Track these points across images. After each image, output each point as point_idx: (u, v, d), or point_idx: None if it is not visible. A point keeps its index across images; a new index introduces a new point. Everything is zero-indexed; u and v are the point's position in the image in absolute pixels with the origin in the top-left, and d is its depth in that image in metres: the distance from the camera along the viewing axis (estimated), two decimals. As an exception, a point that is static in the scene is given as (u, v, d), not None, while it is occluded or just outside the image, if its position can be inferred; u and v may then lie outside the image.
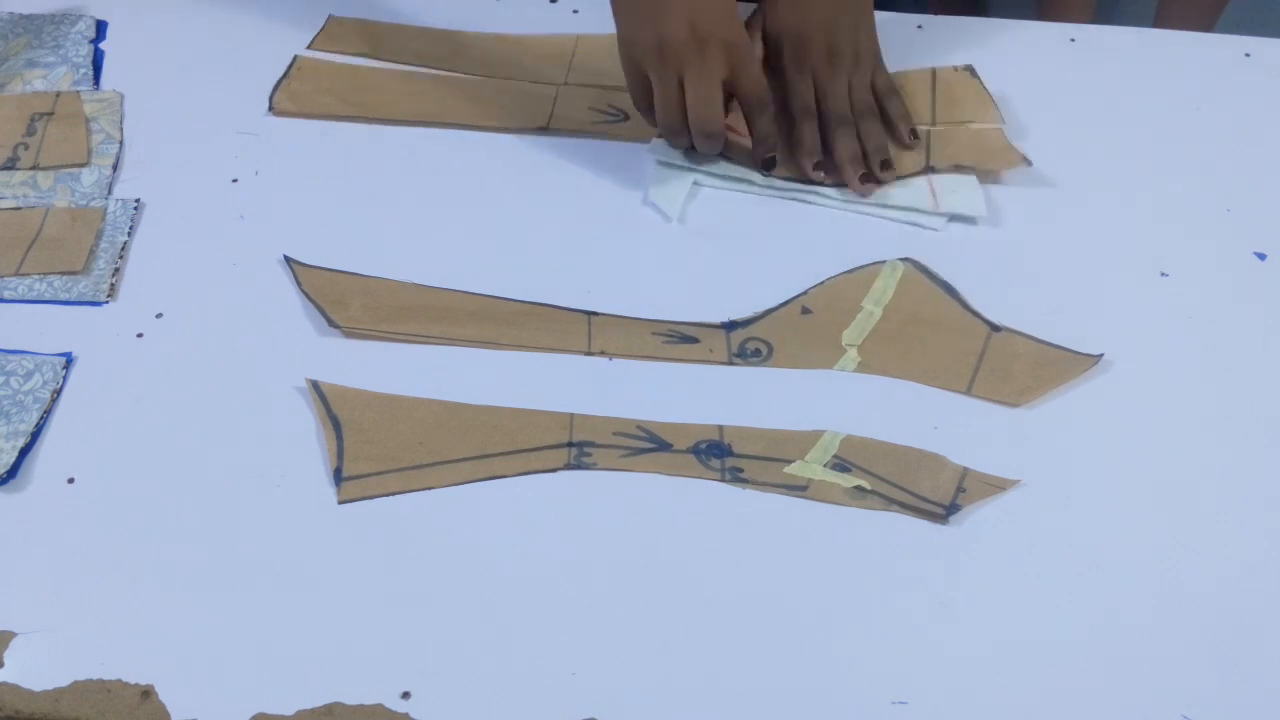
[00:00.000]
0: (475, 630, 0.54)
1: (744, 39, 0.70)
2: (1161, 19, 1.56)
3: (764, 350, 0.65)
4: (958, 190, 0.73)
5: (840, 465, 0.60)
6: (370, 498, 0.58)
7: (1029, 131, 0.78)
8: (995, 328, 0.66)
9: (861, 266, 0.69)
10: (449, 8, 0.86)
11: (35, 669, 0.52)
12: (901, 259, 0.70)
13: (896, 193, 0.73)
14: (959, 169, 0.74)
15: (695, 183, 0.74)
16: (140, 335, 0.66)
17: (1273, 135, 0.78)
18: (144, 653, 0.53)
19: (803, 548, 0.57)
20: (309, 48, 0.83)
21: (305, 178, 0.74)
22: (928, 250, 0.70)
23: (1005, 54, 0.83)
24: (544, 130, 0.77)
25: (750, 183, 0.74)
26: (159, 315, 0.67)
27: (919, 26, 0.85)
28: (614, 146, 0.77)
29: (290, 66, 0.81)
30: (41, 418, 0.61)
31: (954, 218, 0.72)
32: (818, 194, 0.74)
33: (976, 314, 0.67)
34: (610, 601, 0.55)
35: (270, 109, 0.78)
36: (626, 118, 0.78)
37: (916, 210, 0.72)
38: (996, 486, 0.59)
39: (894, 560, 0.57)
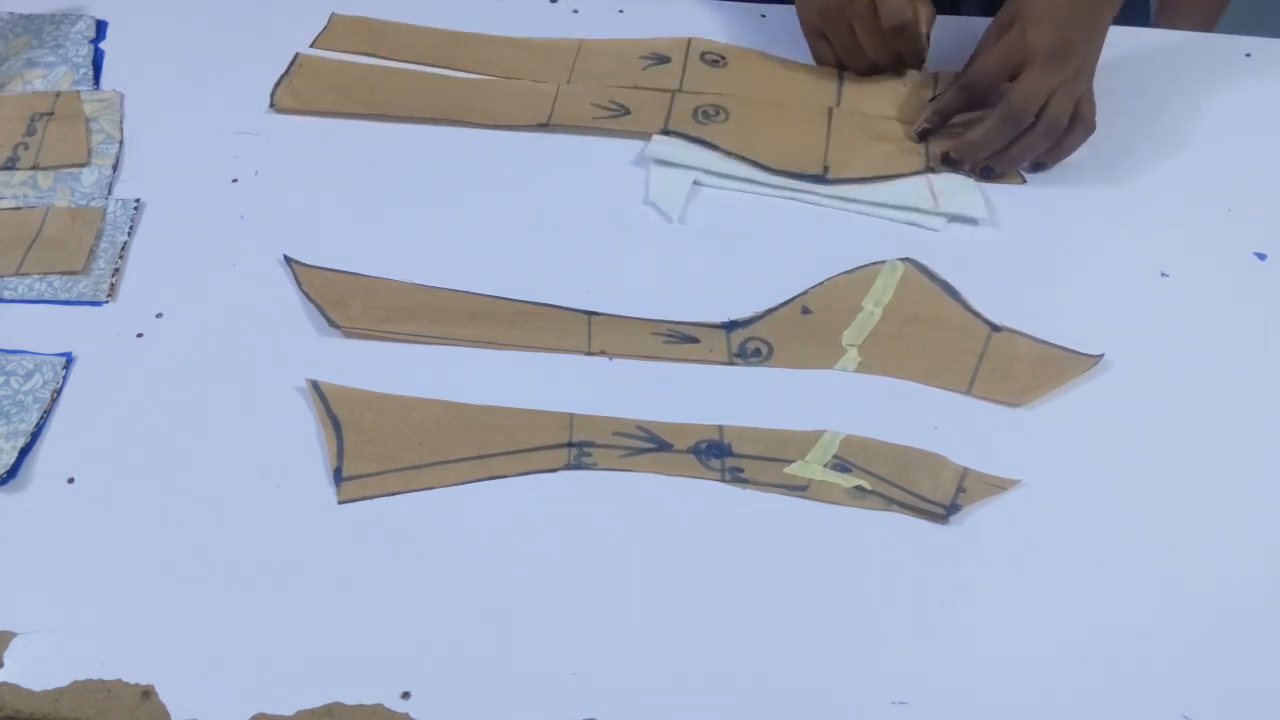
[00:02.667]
0: (475, 630, 0.54)
1: None
2: (1161, 19, 1.55)
3: (764, 350, 0.65)
4: (958, 192, 0.73)
5: (840, 465, 0.60)
6: (370, 498, 0.58)
7: (1029, 131, 0.78)
8: (995, 328, 0.66)
9: (861, 266, 0.69)
10: (450, 7, 0.86)
11: (35, 669, 0.52)
12: (901, 259, 0.70)
13: (897, 191, 0.73)
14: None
15: (695, 182, 0.74)
16: (140, 335, 0.66)
17: (1273, 135, 0.78)
18: (144, 653, 0.53)
19: (803, 548, 0.57)
20: (313, 45, 0.83)
21: (305, 178, 0.74)
22: (928, 250, 0.70)
23: (1005, 54, 0.83)
24: (544, 127, 0.77)
25: (751, 181, 0.74)
26: (159, 315, 0.67)
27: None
28: (614, 145, 0.77)
29: (291, 64, 0.81)
30: (41, 418, 0.61)
31: (954, 218, 0.72)
32: (817, 193, 0.74)
33: (976, 314, 0.67)
34: (610, 601, 0.55)
35: (271, 105, 0.78)
36: (628, 112, 0.78)
37: (917, 210, 0.72)
38: (996, 486, 0.59)
39: (894, 560, 0.57)
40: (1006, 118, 0.71)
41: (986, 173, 0.74)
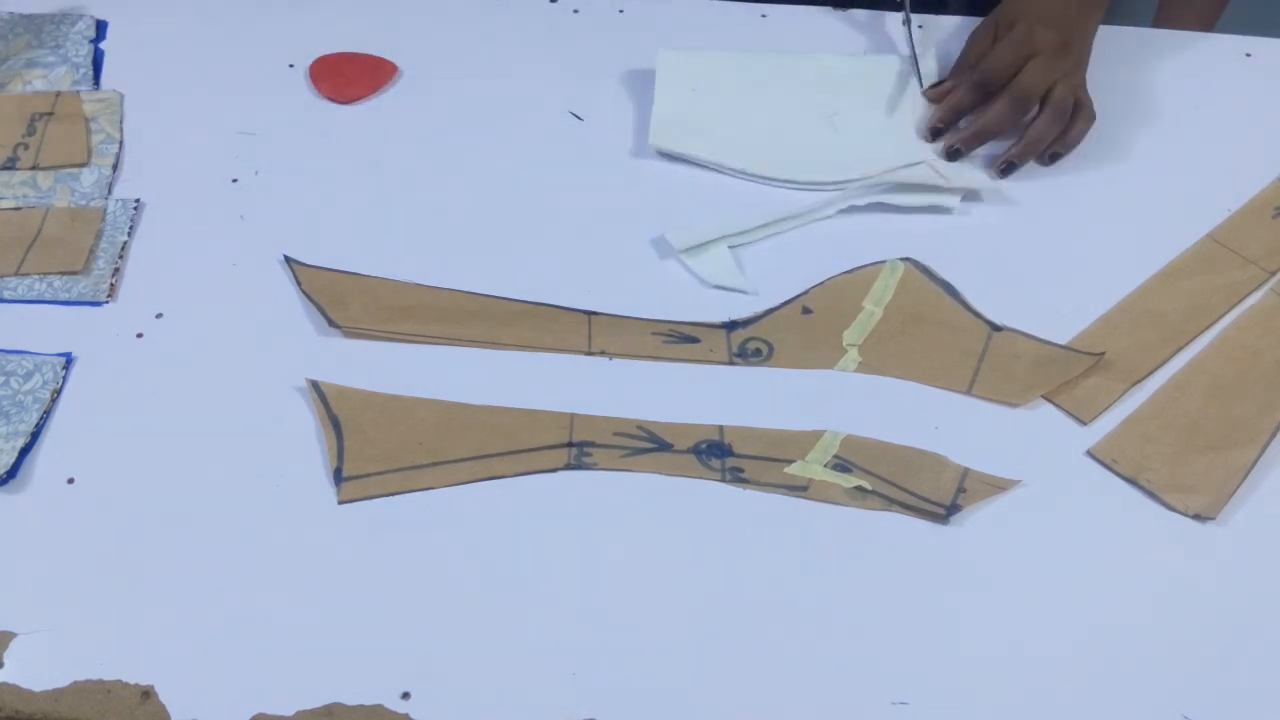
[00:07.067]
0: (475, 630, 0.54)
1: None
2: (1161, 19, 1.55)
3: (764, 350, 0.65)
4: (960, 169, 0.73)
5: (841, 465, 0.60)
6: (370, 498, 0.58)
7: (1029, 131, 0.78)
8: (996, 328, 0.66)
9: (862, 266, 0.69)
10: (450, 9, 0.86)
11: (35, 669, 0.52)
12: (901, 259, 0.70)
13: (905, 171, 0.73)
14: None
15: (730, 247, 0.70)
16: (140, 335, 0.66)
17: (1273, 135, 0.78)
18: (144, 653, 0.53)
19: (803, 548, 0.57)
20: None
21: (305, 178, 0.74)
22: (929, 247, 0.70)
23: (1005, 54, 0.83)
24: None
25: (772, 224, 0.71)
26: (159, 315, 0.67)
27: (919, 26, 0.85)
28: (613, 146, 0.76)
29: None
30: (41, 418, 0.61)
31: (967, 196, 0.72)
32: (829, 187, 0.73)
33: (977, 314, 0.67)
34: (610, 601, 0.55)
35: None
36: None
37: (930, 189, 0.72)
38: (996, 486, 0.59)
39: (894, 560, 0.57)
40: (1015, 101, 0.75)
41: (1008, 168, 0.75)
